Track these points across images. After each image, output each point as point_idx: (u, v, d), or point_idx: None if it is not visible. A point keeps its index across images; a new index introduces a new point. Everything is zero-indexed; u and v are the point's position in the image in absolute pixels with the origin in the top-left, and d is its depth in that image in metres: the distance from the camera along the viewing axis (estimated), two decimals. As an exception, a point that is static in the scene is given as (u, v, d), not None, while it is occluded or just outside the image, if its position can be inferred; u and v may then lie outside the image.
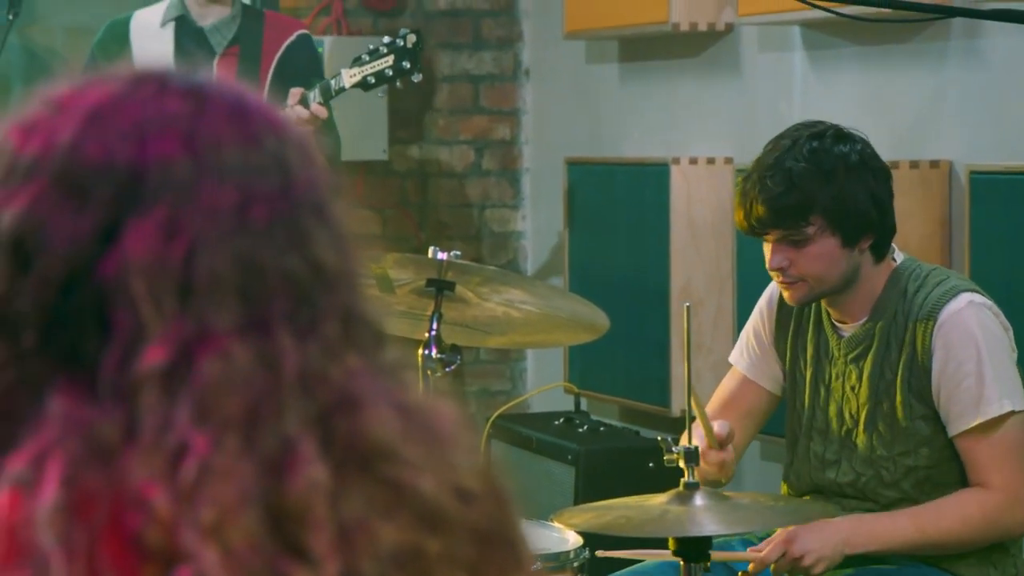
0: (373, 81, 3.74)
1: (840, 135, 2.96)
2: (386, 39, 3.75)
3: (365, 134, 5.27)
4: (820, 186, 2.89)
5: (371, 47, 3.77)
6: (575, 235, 4.99)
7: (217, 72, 3.74)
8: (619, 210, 4.79)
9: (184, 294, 0.95)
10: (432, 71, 5.43)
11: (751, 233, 2.98)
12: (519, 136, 5.59)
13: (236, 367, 0.94)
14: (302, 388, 0.95)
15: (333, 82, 3.76)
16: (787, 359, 3.13)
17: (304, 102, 3.76)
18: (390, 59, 3.71)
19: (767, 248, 2.97)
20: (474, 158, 5.55)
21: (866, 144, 2.98)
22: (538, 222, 5.54)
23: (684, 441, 2.88)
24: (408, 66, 3.73)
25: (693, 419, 2.87)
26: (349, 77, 3.74)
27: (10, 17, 3.91)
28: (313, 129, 3.67)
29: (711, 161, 4.58)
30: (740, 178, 3.04)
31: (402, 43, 3.73)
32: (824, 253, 2.91)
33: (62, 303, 0.95)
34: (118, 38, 4.12)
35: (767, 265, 2.98)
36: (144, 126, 0.98)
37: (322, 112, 3.75)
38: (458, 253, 3.35)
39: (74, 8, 5.29)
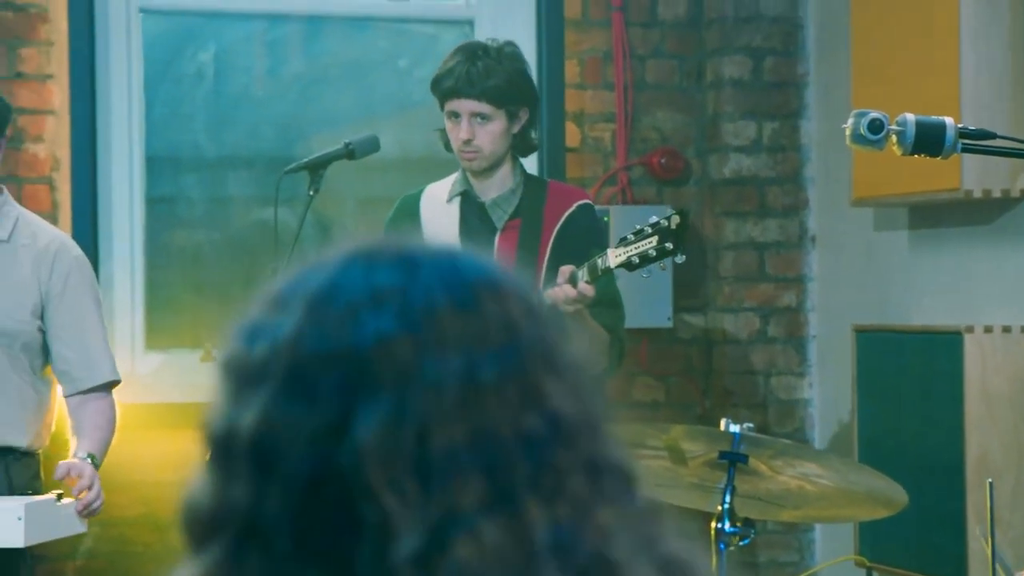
0: (637, 261, 3.74)
1: None
2: (652, 219, 3.76)
3: (650, 302, 5.29)
4: None
5: (636, 227, 3.79)
6: (863, 404, 4.90)
7: (498, 246, 3.78)
8: (909, 379, 4.69)
9: (424, 478, 0.91)
10: (717, 239, 5.44)
11: None
12: (805, 303, 5.54)
13: (488, 547, 0.90)
14: (555, 558, 0.91)
15: (600, 261, 3.78)
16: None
17: (572, 280, 3.77)
18: (654, 240, 3.72)
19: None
20: (759, 325, 5.52)
21: None
22: (825, 390, 5.46)
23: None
24: (671, 247, 3.73)
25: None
26: (614, 257, 3.76)
27: (311, 193, 4.04)
28: (581, 307, 3.67)
29: (1007, 330, 4.47)
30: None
31: (667, 224, 3.74)
32: None
33: (309, 503, 0.93)
34: (409, 213, 4.21)
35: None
36: (358, 307, 0.94)
37: (589, 291, 3.75)
38: (750, 425, 3.32)
39: (365, 181, 5.46)
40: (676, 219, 3.76)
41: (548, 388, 0.94)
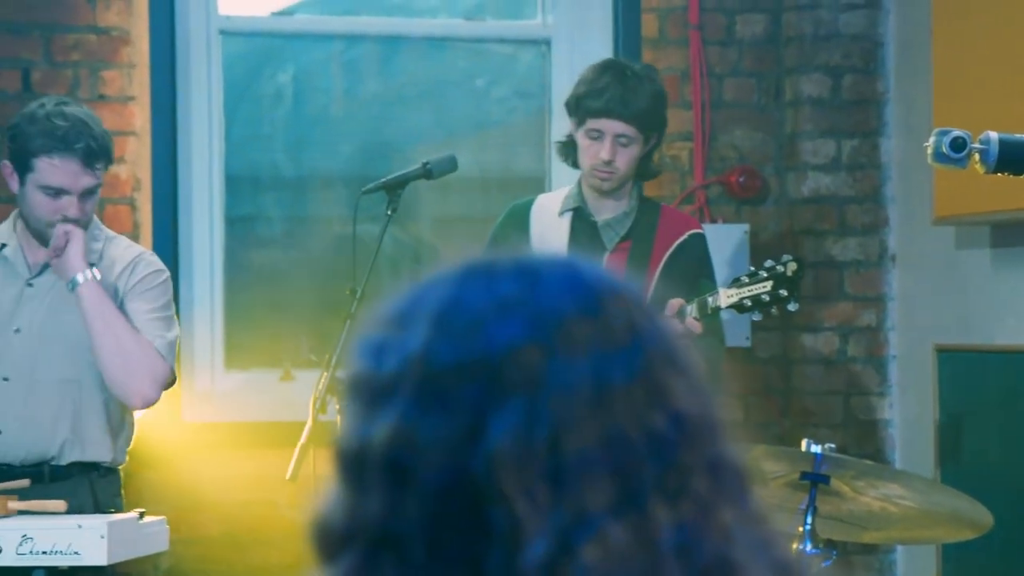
0: (749, 304, 3.73)
1: None
2: (767, 263, 3.75)
3: (729, 322, 5.26)
4: None
5: (751, 269, 3.77)
6: (945, 424, 4.85)
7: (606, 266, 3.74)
8: (992, 399, 4.64)
9: (555, 482, 0.93)
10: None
11: None
12: (885, 322, 5.49)
13: (615, 550, 0.92)
14: (679, 560, 0.92)
15: (711, 299, 3.76)
16: None
17: (681, 315, 3.76)
18: (768, 284, 3.70)
19: None
20: (839, 345, 5.48)
21: None
22: (906, 411, 5.41)
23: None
24: (786, 294, 3.71)
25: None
26: (726, 297, 3.75)
27: (389, 212, 4.06)
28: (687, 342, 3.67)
29: (1092, 349, 4.41)
30: None
31: (782, 270, 3.72)
32: None
33: (443, 513, 0.95)
34: (518, 222, 4.20)
35: None
36: (485, 317, 0.97)
37: (696, 327, 3.73)
38: (832, 446, 3.30)
39: (442, 201, 5.47)
40: (793, 265, 3.74)
41: (672, 387, 0.96)
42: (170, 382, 3.98)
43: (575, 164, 4.19)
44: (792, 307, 3.74)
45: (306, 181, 5.46)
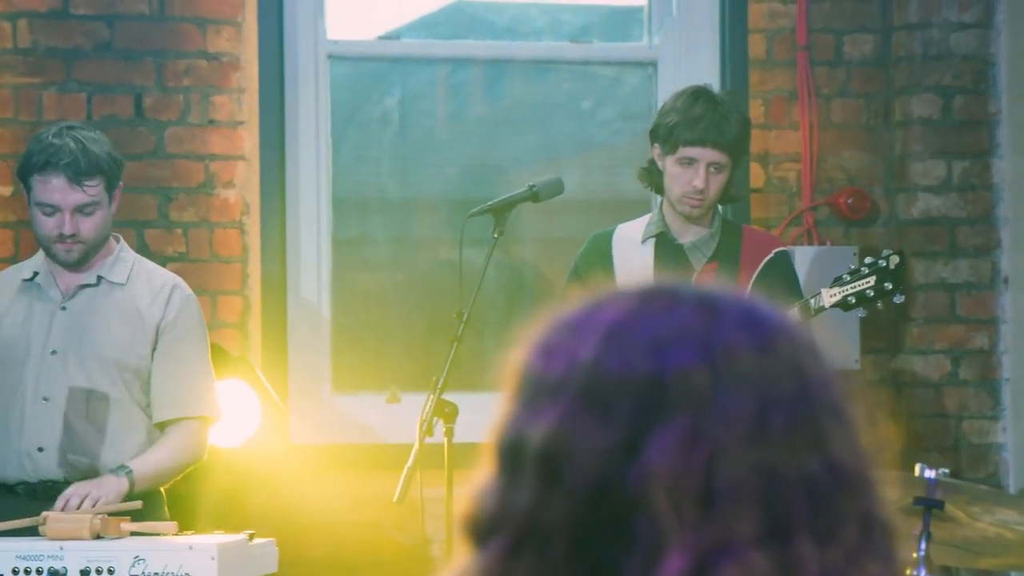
0: (854, 301, 3.70)
1: None
2: (868, 260, 3.72)
3: (837, 343, 5.21)
4: None
5: (851, 267, 3.74)
6: (1061, 449, 4.77)
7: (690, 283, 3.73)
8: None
9: (705, 503, 0.95)
10: (906, 279, 5.35)
11: None
12: (998, 345, 5.41)
13: None
14: None
15: (812, 301, 3.74)
16: None
17: None
18: (871, 280, 3.68)
19: None
20: (950, 367, 5.40)
21: None
22: (1019, 435, 5.33)
23: None
24: (890, 287, 3.68)
25: None
26: (829, 297, 3.72)
27: (495, 235, 4.07)
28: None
29: None
30: None
31: (884, 264, 3.69)
32: None
33: (589, 514, 0.97)
34: (601, 251, 4.24)
35: None
36: (661, 339, 1.00)
37: None
38: (946, 471, 3.25)
39: (547, 223, 5.47)
40: (895, 259, 3.72)
41: (832, 435, 0.99)
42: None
43: (658, 189, 4.23)
44: (898, 299, 3.72)
45: (412, 204, 5.49)
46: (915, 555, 3.16)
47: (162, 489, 4.11)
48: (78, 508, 3.79)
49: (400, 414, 5.08)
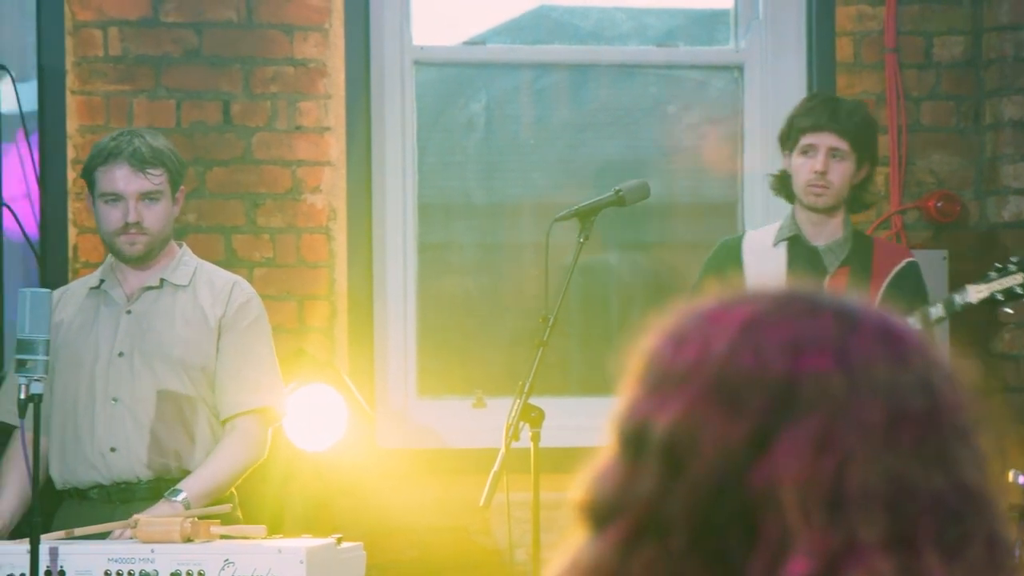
0: (1002, 298, 3.71)
1: None
2: (1013, 258, 3.72)
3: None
4: None
5: (997, 265, 3.75)
6: None
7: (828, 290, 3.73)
8: None
9: (833, 506, 0.95)
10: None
11: None
12: (1090, 350, 5.34)
13: None
14: None
15: (958, 297, 3.75)
16: None
17: (925, 318, 3.77)
18: (1019, 277, 3.67)
19: None
20: (1042, 373, 5.34)
21: None
22: (1112, 441, 5.25)
23: None
24: None
25: None
26: (976, 293, 3.73)
27: (581, 240, 4.08)
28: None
29: None
30: None
31: None
32: None
33: (712, 507, 0.97)
34: (730, 256, 4.31)
35: None
36: (798, 341, 1.00)
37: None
38: (1039, 478, 3.21)
39: (631, 227, 5.45)
40: None
41: (958, 456, 0.99)
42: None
43: (789, 196, 4.32)
44: None
45: (497, 208, 5.50)
46: (1007, 563, 3.13)
47: (233, 490, 4.13)
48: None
49: (486, 419, 5.09)
